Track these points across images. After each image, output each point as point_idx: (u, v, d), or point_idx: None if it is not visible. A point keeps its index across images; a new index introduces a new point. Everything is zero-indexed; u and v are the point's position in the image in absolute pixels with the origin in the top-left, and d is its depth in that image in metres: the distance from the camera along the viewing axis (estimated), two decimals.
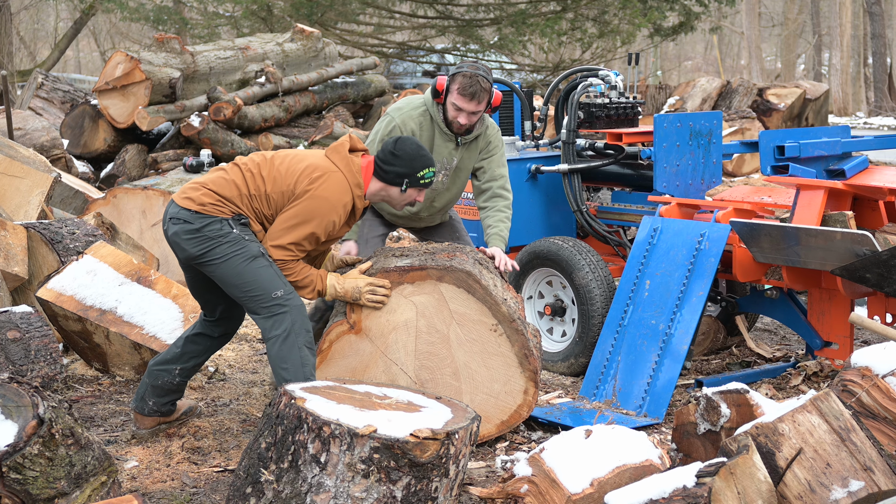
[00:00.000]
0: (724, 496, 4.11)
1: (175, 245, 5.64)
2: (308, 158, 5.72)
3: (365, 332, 6.01)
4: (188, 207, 5.57)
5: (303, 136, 15.39)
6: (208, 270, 5.62)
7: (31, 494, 4.40)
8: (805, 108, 21.08)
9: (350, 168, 5.71)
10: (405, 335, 6.01)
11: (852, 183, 7.08)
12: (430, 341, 6.02)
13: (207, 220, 5.55)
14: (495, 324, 5.98)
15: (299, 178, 5.61)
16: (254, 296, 5.58)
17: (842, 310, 6.97)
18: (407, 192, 5.85)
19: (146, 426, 6.04)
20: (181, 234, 5.57)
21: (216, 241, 5.54)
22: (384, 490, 4.29)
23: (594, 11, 24.78)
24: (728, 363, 7.65)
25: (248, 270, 5.56)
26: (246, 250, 5.56)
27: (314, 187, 5.59)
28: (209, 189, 5.61)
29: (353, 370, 6.01)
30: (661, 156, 7.41)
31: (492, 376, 6.00)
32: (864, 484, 4.29)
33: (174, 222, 5.59)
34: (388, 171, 5.79)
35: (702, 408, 4.99)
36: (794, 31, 46.13)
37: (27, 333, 6.42)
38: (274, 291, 5.60)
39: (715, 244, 6.75)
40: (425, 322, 6.01)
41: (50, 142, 13.08)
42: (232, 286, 5.60)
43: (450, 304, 6.00)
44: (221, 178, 5.66)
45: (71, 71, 42.48)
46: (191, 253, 5.57)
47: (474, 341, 6.00)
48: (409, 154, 5.81)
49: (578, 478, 4.61)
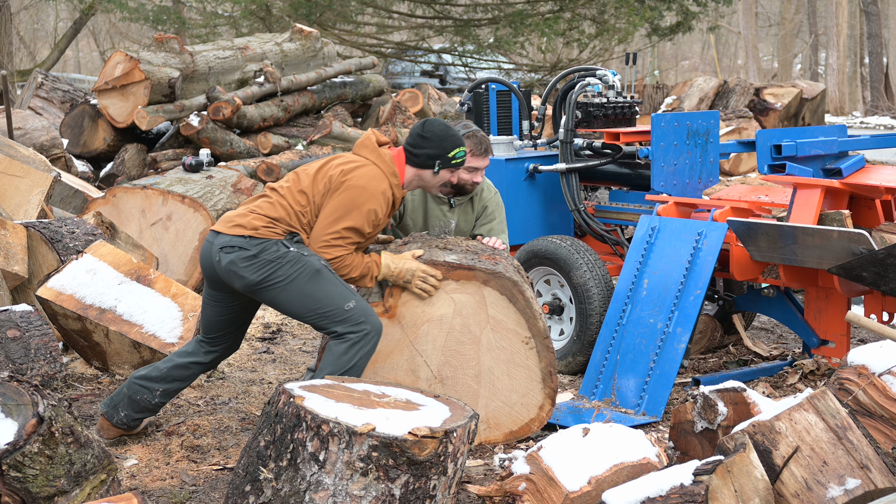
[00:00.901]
0: (721, 494, 4.12)
1: (232, 274, 5.54)
2: (339, 159, 5.73)
3: (398, 319, 6.01)
4: (240, 234, 5.50)
5: (301, 135, 15.39)
6: (271, 296, 5.55)
7: (31, 492, 4.40)
8: (802, 108, 21.09)
9: (382, 159, 5.71)
10: (437, 329, 6.02)
11: (849, 182, 7.09)
12: (461, 340, 6.03)
13: (263, 244, 5.50)
14: (529, 337, 6.02)
15: (333, 175, 5.61)
16: (325, 312, 5.54)
17: (838, 308, 6.98)
18: (440, 174, 5.85)
19: (109, 436, 5.93)
20: (238, 262, 5.50)
21: (276, 263, 5.48)
22: (383, 488, 4.29)
23: (592, 11, 24.77)
24: (725, 362, 7.66)
25: (316, 288, 5.52)
26: (307, 266, 5.52)
27: (349, 178, 5.59)
28: (258, 213, 5.57)
29: (377, 353, 6.01)
30: (658, 155, 7.42)
31: (512, 386, 6.03)
32: (861, 482, 4.30)
33: (227, 251, 5.52)
34: (419, 154, 5.80)
35: (699, 406, 5.00)
36: (790, 30, 46.10)
37: (27, 332, 6.42)
38: (346, 304, 5.56)
39: (712, 243, 6.76)
40: (461, 321, 6.02)
41: (50, 141, 13.09)
42: (300, 307, 5.55)
43: (489, 309, 6.02)
44: (266, 202, 5.62)
45: (70, 71, 42.48)
46: (251, 280, 5.50)
47: (504, 349, 6.03)
48: (437, 135, 5.81)
49: (576, 476, 4.62)
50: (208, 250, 5.61)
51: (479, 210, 6.70)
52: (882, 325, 5.16)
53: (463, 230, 6.67)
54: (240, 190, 10.28)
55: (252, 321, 8.51)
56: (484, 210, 6.70)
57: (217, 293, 5.77)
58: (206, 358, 5.91)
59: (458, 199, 6.61)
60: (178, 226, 9.43)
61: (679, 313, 6.69)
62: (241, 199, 10.14)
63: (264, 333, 8.55)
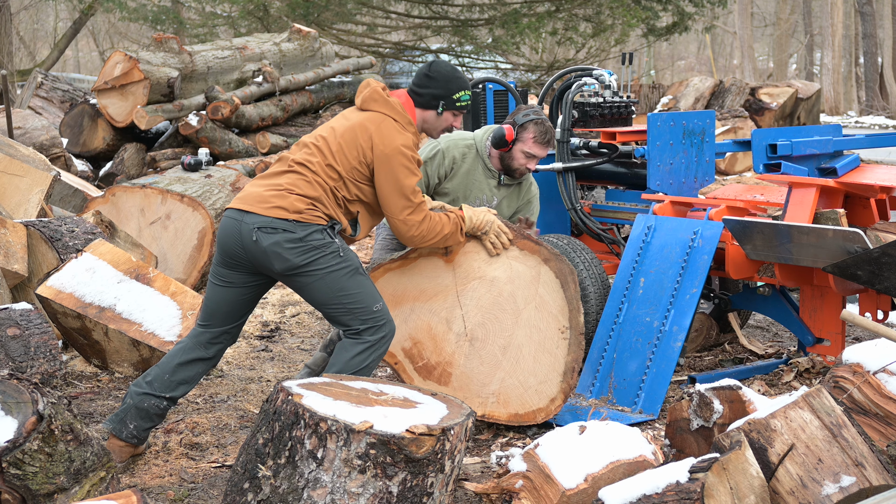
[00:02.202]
0: (716, 491, 4.13)
1: (274, 255, 5.42)
2: (354, 124, 5.63)
3: (453, 266, 6.05)
4: (283, 217, 5.42)
5: (299, 134, 15.41)
6: (306, 281, 5.48)
7: (31, 490, 4.42)
8: (797, 108, 21.11)
9: (395, 109, 5.64)
10: (485, 289, 6.05)
11: (844, 181, 7.11)
12: (504, 308, 6.06)
13: (309, 229, 5.43)
14: (567, 327, 6.04)
15: (363, 146, 5.55)
16: (355, 308, 5.50)
17: (833, 307, 7.00)
18: (443, 115, 5.79)
19: (122, 458, 5.65)
20: (283, 243, 5.40)
21: (320, 251, 5.43)
22: (380, 485, 4.31)
23: (588, 11, 24.78)
24: (721, 360, 7.67)
25: (353, 283, 5.49)
26: (349, 263, 5.49)
27: (381, 147, 5.54)
28: (298, 194, 5.47)
29: (421, 291, 6.04)
30: (654, 154, 7.43)
31: (534, 369, 6.04)
32: (856, 479, 4.31)
33: (268, 231, 5.41)
34: (423, 93, 5.74)
35: (695, 404, 5.02)
36: (786, 30, 46.12)
37: (27, 330, 6.43)
38: (375, 304, 5.54)
39: (708, 242, 6.77)
40: (510, 289, 6.06)
41: (49, 140, 13.10)
42: (329, 297, 5.50)
43: (540, 287, 6.04)
44: (302, 180, 5.51)
45: (70, 70, 42.49)
46: (293, 263, 5.43)
47: (539, 330, 6.04)
48: (443, 75, 5.76)
49: (572, 473, 4.63)
50: (236, 228, 5.49)
51: (524, 201, 6.79)
52: (877, 324, 5.16)
53: (503, 213, 6.71)
54: (238, 189, 10.30)
55: (250, 318, 8.55)
56: (528, 203, 6.82)
57: (232, 273, 5.64)
58: (208, 352, 5.79)
59: (508, 178, 6.65)
60: (176, 224, 9.45)
61: (675, 312, 6.70)
62: None
63: (262, 332, 8.57)
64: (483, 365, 6.09)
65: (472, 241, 6.10)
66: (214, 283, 5.69)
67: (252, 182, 5.70)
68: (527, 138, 6.53)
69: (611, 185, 8.06)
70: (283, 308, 9.36)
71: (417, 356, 6.13)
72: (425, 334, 6.10)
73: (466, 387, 6.07)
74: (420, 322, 6.07)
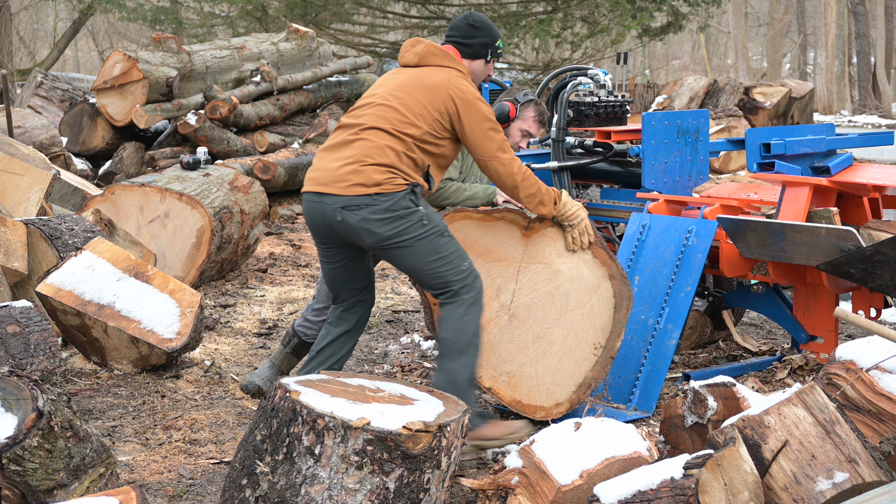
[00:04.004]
0: (711, 487, 4.14)
1: (362, 231, 5.43)
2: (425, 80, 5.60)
3: (527, 242, 6.09)
4: (363, 193, 5.40)
5: (297, 133, 15.44)
6: (398, 251, 5.49)
7: (31, 486, 4.43)
8: (791, 107, 21.14)
9: (455, 60, 5.68)
10: (545, 276, 6.08)
11: (837, 180, 7.13)
12: (554, 301, 6.08)
13: (394, 198, 5.40)
14: (601, 345, 6.07)
15: (443, 100, 5.54)
16: (447, 269, 5.50)
17: (827, 304, 7.02)
18: (489, 63, 5.82)
19: None
20: (370, 217, 5.39)
21: (406, 220, 5.42)
22: (377, 481, 4.32)
23: (584, 12, 24.78)
24: (715, 357, 7.68)
25: (443, 245, 5.50)
26: (437, 226, 5.50)
27: (462, 95, 5.53)
28: (373, 164, 5.43)
29: (488, 251, 6.05)
30: (649, 153, 7.44)
31: (554, 369, 6.06)
32: (849, 475, 4.32)
33: (352, 209, 5.40)
34: (473, 43, 5.76)
35: (689, 401, 5.03)
36: (779, 30, 46.13)
37: (27, 328, 6.43)
38: (463, 263, 5.55)
39: (702, 240, 6.78)
40: (568, 287, 6.09)
41: (49, 140, 13.14)
42: (423, 262, 5.48)
43: (595, 298, 6.08)
44: (372, 147, 5.47)
45: (70, 70, 42.47)
46: (382, 234, 5.43)
47: (576, 337, 6.08)
48: (485, 23, 5.79)
49: (568, 469, 4.63)
50: (319, 211, 5.50)
51: None
52: (870, 321, 5.18)
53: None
54: (237, 187, 10.32)
55: (248, 315, 8.57)
56: None
57: (332, 252, 5.70)
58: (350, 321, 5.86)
59: None
60: (175, 223, 9.47)
61: (670, 309, 6.72)
62: (237, 197, 10.15)
63: (260, 329, 8.58)
64: (511, 343, 6.09)
65: (555, 228, 6.11)
66: (324, 263, 5.77)
67: (319, 155, 5.66)
68: (528, 116, 6.58)
69: (606, 184, 8.07)
70: (280, 306, 9.39)
71: None
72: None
73: (486, 356, 6.03)
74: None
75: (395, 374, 7.43)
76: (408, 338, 8.40)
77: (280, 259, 11.58)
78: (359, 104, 5.70)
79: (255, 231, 10.53)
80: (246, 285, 10.15)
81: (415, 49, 5.73)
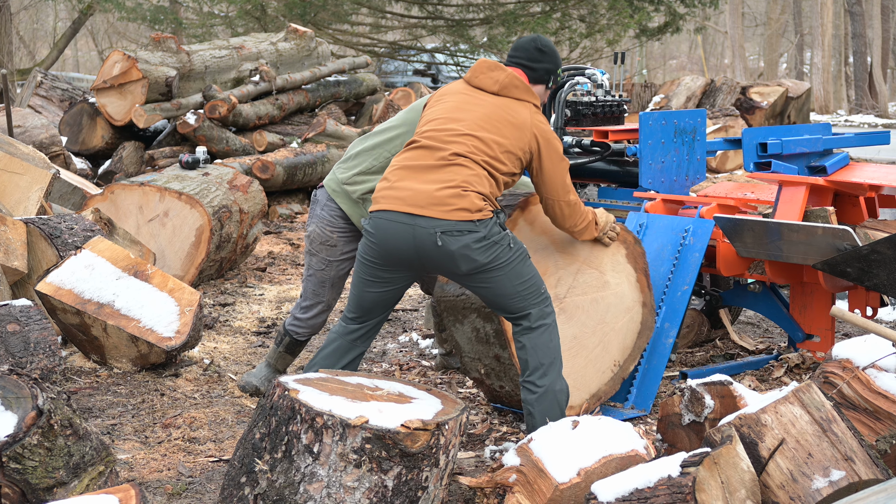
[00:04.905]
0: (707, 485, 4.15)
1: (461, 258, 5.26)
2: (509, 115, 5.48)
3: (592, 247, 6.19)
4: (468, 219, 5.24)
5: (296, 133, 15.45)
6: (489, 277, 5.36)
7: (31, 484, 4.44)
8: (787, 106, 21.15)
9: (534, 95, 5.58)
10: (596, 284, 6.19)
11: (833, 179, 7.14)
12: (597, 310, 6.20)
13: (489, 225, 5.28)
14: (619, 363, 6.29)
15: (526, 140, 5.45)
16: (529, 293, 5.42)
17: (823, 303, 7.04)
18: (549, 89, 5.76)
19: None
20: (472, 244, 5.24)
21: (500, 245, 5.31)
22: (375, 479, 4.33)
23: (582, 11, 24.79)
24: (712, 355, 7.69)
25: (528, 269, 5.42)
26: (522, 250, 5.43)
27: (544, 136, 5.48)
28: (474, 191, 5.28)
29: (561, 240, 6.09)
30: (646, 153, 7.44)
31: (578, 373, 6.12)
32: (845, 473, 4.34)
33: (453, 235, 5.23)
34: (538, 69, 5.65)
35: (686, 399, 5.05)
36: (776, 30, 46.17)
37: (26, 326, 6.44)
38: (542, 286, 5.49)
39: (699, 239, 6.80)
40: (611, 301, 6.24)
41: (49, 139, 13.15)
42: (511, 289, 5.39)
43: (626, 319, 6.30)
44: (471, 174, 5.32)
45: (69, 70, 42.53)
46: (480, 262, 5.28)
47: (604, 348, 6.23)
48: (552, 49, 5.71)
49: (565, 467, 4.62)
50: (409, 233, 5.28)
51: None
52: (866, 320, 5.19)
53: None
54: (235, 187, 10.33)
55: (247, 314, 8.58)
56: None
57: (394, 275, 5.51)
58: (365, 344, 5.76)
59: None
60: (174, 222, 9.48)
61: (667, 308, 6.73)
62: (236, 196, 10.17)
63: (259, 328, 8.59)
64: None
65: (616, 242, 6.25)
66: (371, 282, 5.55)
67: (400, 173, 5.46)
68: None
69: (603, 183, 8.07)
70: (279, 304, 9.40)
71: None
72: (539, 272, 6.07)
73: None
74: (543, 260, 5.97)
75: (393, 372, 7.44)
76: (406, 336, 8.41)
77: (279, 258, 11.59)
78: (440, 128, 5.51)
79: (253, 230, 10.54)
80: (245, 284, 10.16)
81: (493, 75, 5.56)
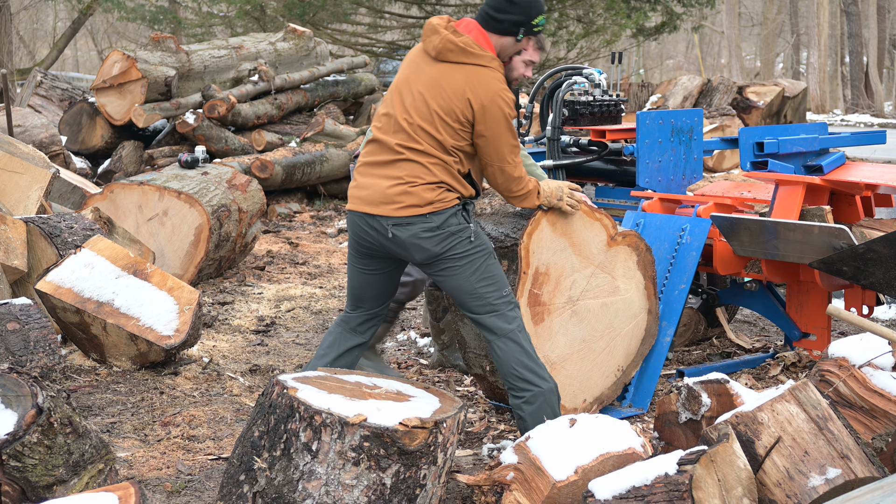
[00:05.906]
0: (704, 483, 4.16)
1: (412, 246, 5.30)
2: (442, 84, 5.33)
3: (607, 251, 6.20)
4: (416, 214, 5.25)
5: (295, 132, 15.47)
6: (447, 269, 5.35)
7: (31, 482, 4.45)
8: (784, 106, 21.12)
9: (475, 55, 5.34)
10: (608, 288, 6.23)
11: (830, 178, 7.15)
12: (606, 314, 6.25)
13: (445, 215, 5.26)
14: (622, 369, 6.36)
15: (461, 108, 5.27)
16: (490, 293, 5.37)
17: (819, 302, 7.05)
18: (521, 41, 5.47)
19: None
20: (421, 233, 5.26)
21: (457, 236, 5.28)
22: (374, 477, 4.34)
23: (579, 11, 24.78)
24: (709, 354, 7.71)
25: (490, 268, 5.37)
26: (485, 247, 5.37)
27: (480, 100, 5.28)
28: (422, 184, 5.26)
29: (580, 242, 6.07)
30: (643, 152, 7.44)
31: (584, 376, 6.18)
32: (841, 471, 4.35)
33: (402, 226, 5.27)
34: (503, 19, 5.40)
35: (683, 397, 5.05)
36: (773, 30, 46.17)
37: (26, 325, 6.45)
38: (505, 288, 5.42)
39: (696, 238, 6.81)
40: (620, 306, 6.29)
41: (49, 138, 13.16)
42: (468, 284, 5.36)
43: (632, 325, 6.35)
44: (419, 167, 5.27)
45: (69, 69, 42.53)
46: (433, 251, 5.29)
47: (610, 352, 6.29)
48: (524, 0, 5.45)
49: (563, 465, 4.63)
50: (369, 228, 5.36)
51: None
52: (862, 319, 5.20)
53: None
54: (234, 186, 10.34)
55: (245, 312, 8.59)
56: None
57: (372, 262, 5.52)
58: (363, 337, 5.71)
59: None
60: (174, 221, 9.49)
61: (664, 307, 6.73)
62: (235, 195, 10.18)
63: (258, 326, 8.60)
64: (564, 337, 6.10)
65: (629, 247, 6.26)
66: (357, 269, 5.60)
67: (361, 170, 5.47)
68: (528, 47, 6.42)
69: (601, 183, 8.07)
70: (278, 303, 9.41)
71: (539, 283, 5.94)
72: (556, 273, 6.03)
73: (542, 339, 6.03)
74: (561, 262, 5.99)
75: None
76: (404, 335, 8.43)
77: (278, 257, 11.60)
78: (387, 112, 5.46)
79: (252, 229, 10.55)
80: (244, 283, 10.17)
81: (431, 40, 5.43)
